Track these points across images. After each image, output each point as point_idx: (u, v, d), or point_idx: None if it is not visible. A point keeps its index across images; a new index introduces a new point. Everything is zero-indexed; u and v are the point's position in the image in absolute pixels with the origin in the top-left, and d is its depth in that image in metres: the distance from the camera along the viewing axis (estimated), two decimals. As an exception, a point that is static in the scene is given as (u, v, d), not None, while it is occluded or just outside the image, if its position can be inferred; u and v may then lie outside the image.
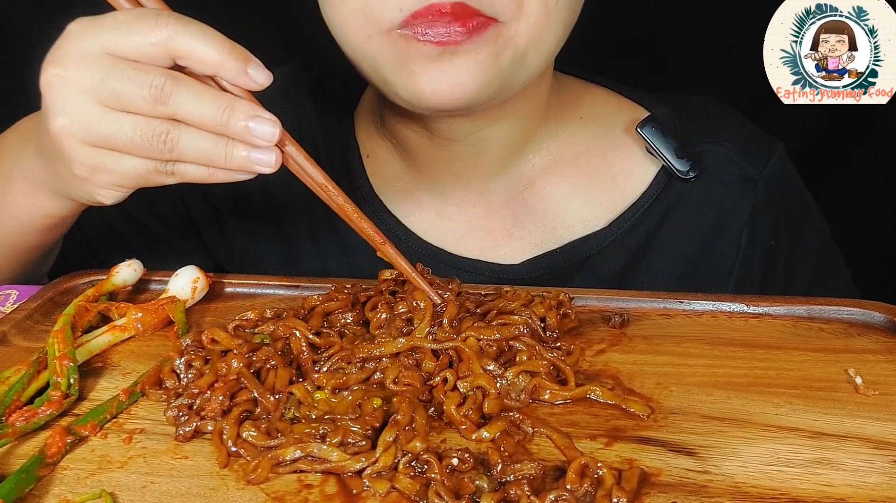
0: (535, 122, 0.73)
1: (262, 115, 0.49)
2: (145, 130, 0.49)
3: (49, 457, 0.45)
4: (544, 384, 0.50)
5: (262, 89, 0.50)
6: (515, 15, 0.57)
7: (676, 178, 0.72)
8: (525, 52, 0.60)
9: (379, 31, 0.58)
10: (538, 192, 0.75)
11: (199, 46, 0.48)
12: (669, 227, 0.74)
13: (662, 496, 0.42)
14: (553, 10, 0.58)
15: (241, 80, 0.49)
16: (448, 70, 0.57)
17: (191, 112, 0.48)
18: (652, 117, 0.73)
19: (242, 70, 0.48)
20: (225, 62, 0.48)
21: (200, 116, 0.48)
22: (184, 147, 0.49)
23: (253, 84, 0.49)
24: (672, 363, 0.55)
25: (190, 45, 0.48)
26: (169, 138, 0.49)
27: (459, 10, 0.55)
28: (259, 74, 0.49)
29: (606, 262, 0.74)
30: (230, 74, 0.49)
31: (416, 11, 0.55)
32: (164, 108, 0.48)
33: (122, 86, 0.48)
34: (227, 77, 0.49)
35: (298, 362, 0.54)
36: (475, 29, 0.56)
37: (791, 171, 0.77)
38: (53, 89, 0.50)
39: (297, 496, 0.42)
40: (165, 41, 0.47)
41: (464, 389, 0.49)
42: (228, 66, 0.48)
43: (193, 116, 0.48)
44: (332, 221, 0.78)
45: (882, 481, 0.42)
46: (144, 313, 0.60)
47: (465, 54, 0.57)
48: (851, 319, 0.60)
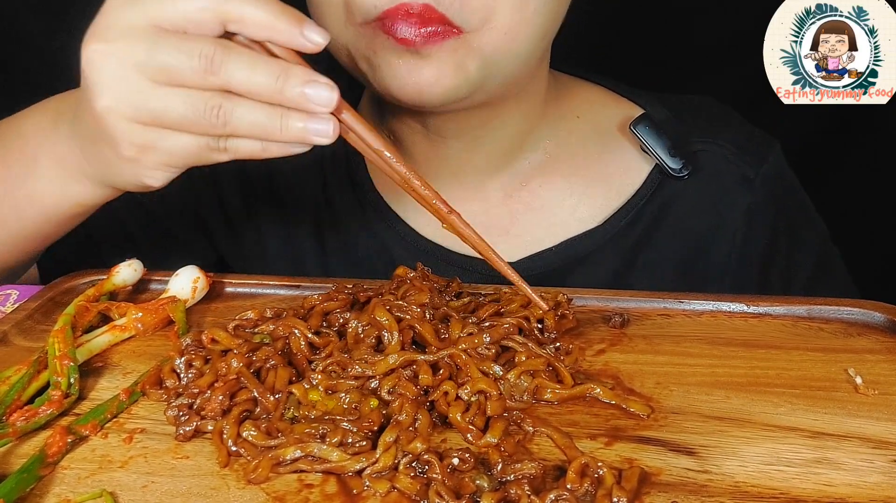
0: (531, 120, 0.73)
1: (318, 79, 0.46)
2: (197, 104, 0.46)
3: (49, 457, 0.45)
4: (545, 384, 0.50)
5: (320, 50, 0.47)
6: (482, 26, 0.57)
7: (670, 176, 0.72)
8: (494, 60, 0.60)
9: (354, 22, 0.59)
10: (534, 191, 0.75)
11: (250, 9, 0.45)
12: (666, 225, 0.74)
13: (662, 496, 0.42)
14: (529, 17, 0.58)
15: (297, 41, 0.46)
16: (412, 70, 0.58)
17: (244, 81, 0.46)
18: (646, 115, 0.74)
19: (297, 31, 0.46)
20: (278, 23, 0.45)
21: (254, 84, 0.46)
22: (238, 120, 0.47)
23: (310, 45, 0.46)
24: (672, 363, 0.55)
25: (241, 8, 0.45)
26: (222, 111, 0.46)
27: (427, 12, 0.55)
28: (315, 34, 0.46)
29: (603, 261, 0.74)
30: (284, 36, 0.46)
31: (387, 10, 0.56)
32: (216, 78, 0.46)
33: (171, 58, 0.46)
34: (281, 40, 0.46)
35: (297, 362, 0.54)
36: (434, 35, 0.56)
37: (788, 171, 0.77)
38: (96, 66, 0.48)
39: (297, 496, 0.42)
40: (216, 4, 0.45)
41: (466, 396, 0.49)
42: (282, 28, 0.45)
43: (247, 85, 0.46)
44: (335, 220, 0.79)
45: (882, 481, 0.42)
46: (145, 313, 0.60)
47: (426, 58, 0.58)
48: (851, 319, 0.60)
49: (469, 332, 0.53)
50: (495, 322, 0.55)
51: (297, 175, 0.79)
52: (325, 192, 0.79)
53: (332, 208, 0.79)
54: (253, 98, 0.47)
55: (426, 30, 0.56)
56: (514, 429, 0.47)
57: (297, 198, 0.80)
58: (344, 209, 0.78)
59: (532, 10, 0.58)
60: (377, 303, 0.54)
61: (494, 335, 0.53)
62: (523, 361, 0.52)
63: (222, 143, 0.49)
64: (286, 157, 0.49)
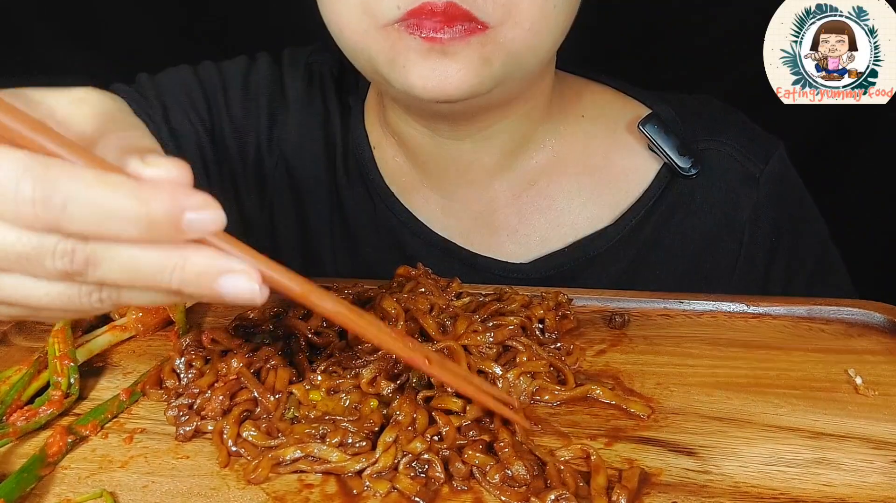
0: (537, 120, 0.73)
1: (234, 266, 0.33)
2: (65, 295, 0.34)
3: (50, 457, 0.45)
4: (546, 386, 0.50)
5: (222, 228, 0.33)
6: (506, 21, 0.57)
7: (679, 175, 0.73)
8: (519, 55, 0.60)
9: (375, 26, 0.58)
10: (542, 190, 0.75)
11: (93, 210, 0.31)
12: (674, 224, 0.74)
13: (662, 496, 0.42)
14: (551, 13, 0.58)
15: (174, 238, 0.32)
16: (437, 67, 0.57)
17: (120, 280, 0.33)
18: (654, 115, 0.74)
19: (173, 229, 0.31)
20: (141, 231, 0.31)
21: (138, 281, 0.33)
22: (127, 301, 0.36)
23: (194, 235, 0.32)
24: (672, 363, 0.55)
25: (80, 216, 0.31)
26: (100, 298, 0.35)
27: (451, 9, 0.55)
28: (200, 217, 0.32)
29: (614, 261, 0.74)
30: (158, 240, 0.32)
31: (410, 10, 0.56)
32: (81, 277, 0.33)
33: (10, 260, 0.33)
34: (153, 243, 0.32)
35: (298, 362, 0.54)
36: (460, 33, 0.56)
37: (791, 169, 0.77)
38: None
39: (297, 496, 0.42)
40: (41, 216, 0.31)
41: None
42: (152, 233, 0.31)
43: (129, 283, 0.34)
44: (343, 215, 0.79)
45: (882, 481, 0.42)
46: (145, 313, 0.60)
47: (453, 55, 0.57)
48: (851, 319, 0.60)
49: (474, 330, 0.53)
50: (500, 321, 0.54)
51: (310, 169, 0.79)
52: (336, 188, 0.79)
53: (334, 204, 0.79)
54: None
55: (452, 28, 0.55)
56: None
57: (311, 193, 0.80)
58: (354, 204, 0.79)
59: (553, 6, 0.58)
60: (384, 295, 0.54)
61: (499, 336, 0.53)
62: (524, 362, 0.52)
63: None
64: (295, 150, 0.45)
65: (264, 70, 0.81)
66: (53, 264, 0.33)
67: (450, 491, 0.43)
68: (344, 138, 0.79)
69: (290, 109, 0.80)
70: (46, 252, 0.32)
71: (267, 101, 0.80)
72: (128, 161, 0.32)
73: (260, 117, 0.79)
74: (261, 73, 0.80)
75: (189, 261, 0.33)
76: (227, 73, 0.80)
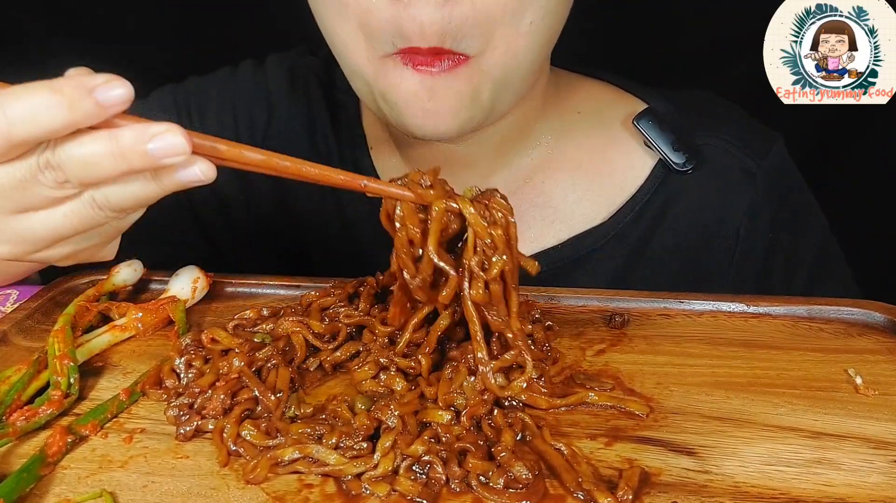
0: (531, 118, 0.73)
1: (155, 130, 0.40)
2: (76, 211, 0.43)
3: (49, 457, 0.45)
4: (538, 399, 0.50)
5: (129, 105, 0.40)
6: (484, 49, 0.58)
7: (673, 170, 0.73)
8: (504, 79, 0.61)
9: (374, 56, 0.59)
10: (537, 187, 0.75)
11: (26, 113, 0.38)
12: (670, 220, 0.74)
13: (662, 496, 0.42)
14: (526, 31, 0.58)
15: (97, 113, 0.39)
16: (429, 109, 0.59)
17: (88, 175, 0.40)
18: (649, 110, 0.74)
19: (90, 102, 0.38)
20: (66, 112, 0.38)
21: (100, 171, 0.40)
22: (118, 201, 0.42)
23: (112, 108, 0.39)
24: (672, 363, 0.55)
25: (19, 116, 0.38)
26: (97, 203, 0.42)
27: (435, 48, 0.57)
28: (109, 92, 0.39)
29: (609, 257, 0.74)
30: (84, 118, 0.39)
31: (401, 48, 0.57)
32: (69, 184, 0.41)
33: (18, 193, 0.41)
34: (84, 123, 0.39)
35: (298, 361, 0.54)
36: (448, 67, 0.58)
37: (790, 164, 0.77)
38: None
39: (297, 496, 0.42)
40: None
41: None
42: (76, 112, 0.38)
43: (95, 176, 0.41)
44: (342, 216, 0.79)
45: (882, 481, 0.42)
46: (145, 313, 0.60)
47: (444, 89, 0.58)
48: (851, 319, 0.60)
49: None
50: None
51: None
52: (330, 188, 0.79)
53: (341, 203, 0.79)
54: (110, 179, 0.41)
55: (441, 62, 0.58)
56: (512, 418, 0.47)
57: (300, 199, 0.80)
58: (351, 202, 0.79)
59: (528, 23, 0.58)
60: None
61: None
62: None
63: (123, 218, 0.45)
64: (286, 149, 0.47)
65: (247, 77, 0.82)
66: (45, 179, 0.40)
67: (449, 492, 0.43)
68: (336, 138, 0.79)
69: (273, 114, 0.80)
70: (33, 170, 0.40)
71: (250, 108, 0.80)
72: None
73: (243, 124, 0.80)
74: (244, 80, 0.82)
75: (121, 136, 0.39)
76: (211, 85, 0.82)
